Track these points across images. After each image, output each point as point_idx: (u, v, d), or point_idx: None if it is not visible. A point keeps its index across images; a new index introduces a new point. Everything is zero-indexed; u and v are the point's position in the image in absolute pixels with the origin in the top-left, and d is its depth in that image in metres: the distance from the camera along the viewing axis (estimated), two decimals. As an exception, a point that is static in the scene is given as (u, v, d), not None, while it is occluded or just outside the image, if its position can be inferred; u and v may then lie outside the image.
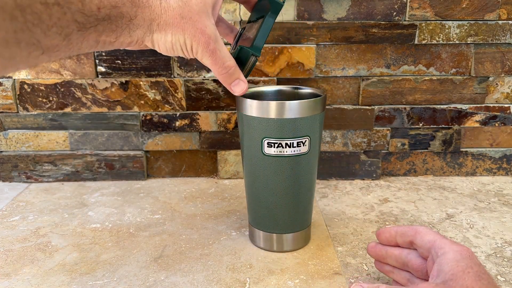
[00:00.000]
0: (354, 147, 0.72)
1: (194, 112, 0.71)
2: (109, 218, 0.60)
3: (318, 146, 0.49)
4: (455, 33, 0.67)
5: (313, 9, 0.66)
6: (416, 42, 0.67)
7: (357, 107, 0.70)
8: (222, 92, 0.70)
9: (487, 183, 0.71)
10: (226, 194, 0.68)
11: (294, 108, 0.45)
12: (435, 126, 0.72)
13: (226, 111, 0.71)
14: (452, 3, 0.66)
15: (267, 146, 0.46)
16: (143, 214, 0.61)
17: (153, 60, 0.68)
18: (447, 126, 0.72)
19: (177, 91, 0.69)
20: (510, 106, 0.71)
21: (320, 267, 0.48)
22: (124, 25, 0.36)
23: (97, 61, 0.68)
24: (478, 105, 0.71)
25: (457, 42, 0.68)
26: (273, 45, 0.67)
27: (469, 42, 0.68)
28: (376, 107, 0.71)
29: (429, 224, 0.58)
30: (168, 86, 0.69)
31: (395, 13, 0.66)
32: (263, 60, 0.68)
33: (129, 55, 0.67)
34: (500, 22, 0.67)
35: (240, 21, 0.66)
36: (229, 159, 0.73)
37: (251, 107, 0.46)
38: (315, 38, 0.67)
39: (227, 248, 0.52)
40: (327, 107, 0.70)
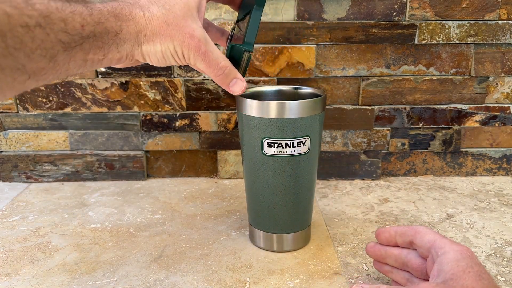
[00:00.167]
0: (354, 147, 0.72)
1: (194, 112, 0.71)
2: (109, 218, 0.60)
3: (318, 146, 0.49)
4: (455, 33, 0.67)
5: (313, 9, 0.66)
6: (416, 42, 0.67)
7: (357, 107, 0.70)
8: (222, 92, 0.70)
9: (487, 183, 0.71)
10: (226, 194, 0.68)
11: (294, 108, 0.45)
12: (435, 126, 0.72)
13: (226, 111, 0.71)
14: (452, 3, 0.66)
15: (267, 146, 0.46)
16: (143, 214, 0.61)
17: (153, 60, 0.68)
18: (447, 126, 0.72)
19: (177, 91, 0.69)
20: (510, 106, 0.71)
21: (320, 267, 0.48)
22: (110, 41, 0.35)
23: (97, 61, 0.68)
24: (478, 105, 0.71)
25: (457, 42, 0.68)
26: (273, 45, 0.67)
27: (469, 42, 0.68)
28: (376, 107, 0.71)
29: (429, 224, 0.58)
30: (168, 86, 0.69)
31: (395, 13, 0.66)
32: (263, 60, 0.68)
33: (129, 55, 0.67)
34: (500, 22, 0.67)
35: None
36: (229, 159, 0.73)
37: (251, 107, 0.46)
38: (315, 38, 0.67)
39: (227, 248, 0.52)
40: (327, 107, 0.70)
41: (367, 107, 0.70)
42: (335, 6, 0.66)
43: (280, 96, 0.54)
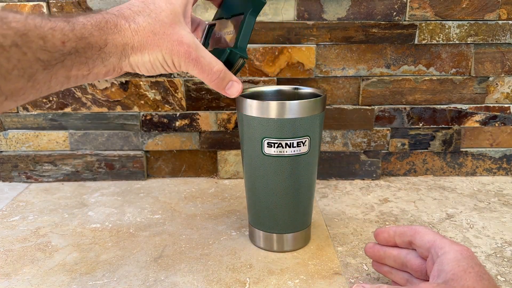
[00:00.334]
0: (354, 147, 0.72)
1: (194, 112, 0.71)
2: (109, 218, 0.60)
3: (318, 146, 0.49)
4: (455, 33, 0.67)
5: (313, 9, 0.66)
6: (416, 42, 0.67)
7: (357, 107, 0.70)
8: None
9: (487, 183, 0.71)
10: (226, 194, 0.68)
11: (294, 108, 0.45)
12: (435, 126, 0.72)
13: (226, 111, 0.71)
14: (452, 3, 0.66)
15: (267, 146, 0.46)
16: (143, 214, 0.61)
17: (153, 60, 0.68)
18: (447, 126, 0.72)
19: (177, 91, 0.69)
20: (510, 106, 0.71)
21: (320, 267, 0.48)
22: (95, 56, 0.34)
23: (97, 61, 0.68)
24: (478, 105, 0.71)
25: (457, 42, 0.68)
26: (273, 45, 0.67)
27: (469, 42, 0.68)
28: (376, 107, 0.71)
29: (429, 224, 0.58)
30: (168, 86, 0.69)
31: (395, 13, 0.66)
32: (263, 60, 0.68)
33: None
34: (500, 22, 0.67)
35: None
36: (229, 159, 0.73)
37: (251, 107, 0.46)
38: (315, 38, 0.67)
39: (227, 248, 0.52)
40: (327, 107, 0.70)
41: (367, 107, 0.70)
42: (335, 6, 0.66)
43: (280, 96, 0.54)
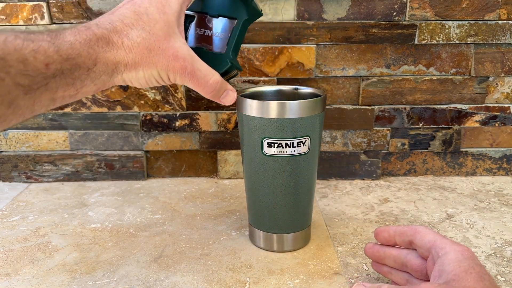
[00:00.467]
0: (354, 147, 0.72)
1: (194, 112, 0.71)
2: (109, 218, 0.60)
3: (318, 146, 0.49)
4: (455, 33, 0.67)
5: (313, 9, 0.66)
6: (416, 42, 0.67)
7: (357, 107, 0.70)
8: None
9: (487, 183, 0.71)
10: (226, 194, 0.68)
11: (294, 108, 0.45)
12: (435, 126, 0.72)
13: (226, 111, 0.71)
14: (452, 3, 0.66)
15: (267, 146, 0.46)
16: (143, 214, 0.61)
17: (153, 60, 0.68)
18: (447, 126, 0.72)
19: (177, 91, 0.69)
20: (510, 106, 0.71)
21: (320, 267, 0.48)
22: (83, 76, 0.32)
23: (97, 61, 0.68)
24: (478, 105, 0.71)
25: (457, 42, 0.68)
26: (273, 45, 0.67)
27: (469, 42, 0.68)
28: (376, 107, 0.71)
29: (429, 224, 0.58)
30: (168, 86, 0.69)
31: (395, 13, 0.66)
32: (263, 60, 0.68)
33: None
34: (500, 22, 0.67)
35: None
36: (229, 159, 0.73)
37: (251, 107, 0.46)
38: (315, 38, 0.67)
39: (227, 248, 0.52)
40: (327, 107, 0.70)
41: (367, 107, 0.70)
42: (335, 6, 0.66)
43: (280, 96, 0.54)
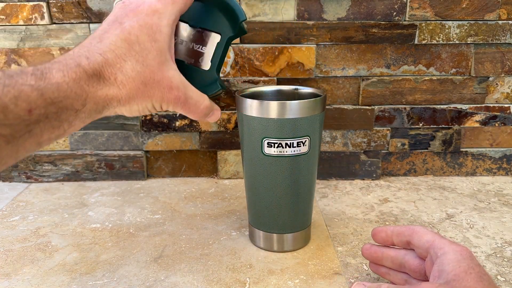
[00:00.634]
0: (354, 147, 0.72)
1: (194, 112, 0.70)
2: (109, 218, 0.60)
3: (318, 146, 0.49)
4: (455, 33, 0.67)
5: (313, 9, 0.66)
6: (416, 42, 0.67)
7: (357, 107, 0.70)
8: (222, 92, 0.69)
9: (487, 183, 0.71)
10: (226, 194, 0.68)
11: (294, 108, 0.45)
12: (435, 126, 0.72)
13: (226, 111, 0.71)
14: (452, 3, 0.66)
15: (267, 146, 0.46)
16: (143, 214, 0.61)
17: (153, 60, 0.68)
18: (447, 126, 0.72)
19: (177, 91, 0.69)
20: (510, 106, 0.71)
21: (320, 267, 0.48)
22: (71, 118, 0.30)
23: (97, 61, 0.68)
24: (478, 105, 0.71)
25: (457, 42, 0.68)
26: (273, 45, 0.67)
27: (469, 42, 0.68)
28: (376, 107, 0.71)
29: (429, 224, 0.58)
30: (168, 86, 0.69)
31: (395, 13, 0.66)
32: (263, 60, 0.68)
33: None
34: (500, 22, 0.67)
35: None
36: (229, 159, 0.73)
37: (251, 107, 0.46)
38: (315, 38, 0.67)
39: (227, 248, 0.52)
40: (327, 107, 0.70)
41: (367, 107, 0.70)
42: (335, 6, 0.66)
43: (280, 96, 0.54)
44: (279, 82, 0.69)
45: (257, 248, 0.52)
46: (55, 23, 0.66)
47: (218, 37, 0.41)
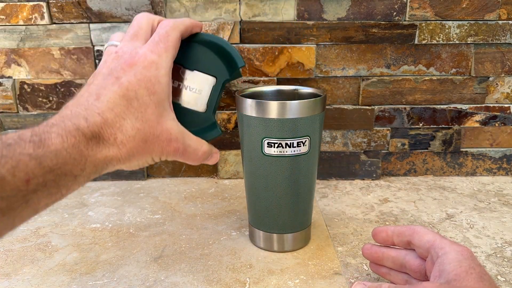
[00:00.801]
0: (354, 147, 0.72)
1: (194, 112, 0.70)
2: (109, 218, 0.60)
3: (318, 146, 0.49)
4: (455, 33, 0.67)
5: (313, 9, 0.66)
6: (416, 42, 0.67)
7: (357, 107, 0.70)
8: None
9: (487, 183, 0.71)
10: (226, 194, 0.68)
11: (294, 108, 0.45)
12: (435, 126, 0.72)
13: (226, 111, 0.71)
14: (452, 3, 0.66)
15: (267, 146, 0.46)
16: (143, 214, 0.61)
17: (153, 60, 0.68)
18: (447, 126, 0.72)
19: (177, 91, 0.69)
20: (510, 106, 0.71)
21: (320, 267, 0.48)
22: (69, 183, 0.29)
23: (97, 61, 0.68)
24: (478, 105, 0.71)
25: (457, 42, 0.68)
26: (273, 45, 0.67)
27: (469, 42, 0.68)
28: (376, 107, 0.71)
29: (429, 224, 0.58)
30: (168, 86, 0.69)
31: (395, 13, 0.66)
32: (263, 60, 0.68)
33: (129, 55, 0.67)
34: (500, 22, 0.67)
35: (240, 21, 0.66)
36: (229, 159, 0.73)
37: (251, 107, 0.46)
38: (315, 38, 0.67)
39: (227, 248, 0.52)
40: (327, 107, 0.70)
41: (367, 107, 0.70)
42: (335, 6, 0.66)
43: (280, 96, 0.54)
44: (279, 82, 0.69)
45: (257, 248, 0.52)
46: (55, 23, 0.66)
47: (213, 80, 0.41)
